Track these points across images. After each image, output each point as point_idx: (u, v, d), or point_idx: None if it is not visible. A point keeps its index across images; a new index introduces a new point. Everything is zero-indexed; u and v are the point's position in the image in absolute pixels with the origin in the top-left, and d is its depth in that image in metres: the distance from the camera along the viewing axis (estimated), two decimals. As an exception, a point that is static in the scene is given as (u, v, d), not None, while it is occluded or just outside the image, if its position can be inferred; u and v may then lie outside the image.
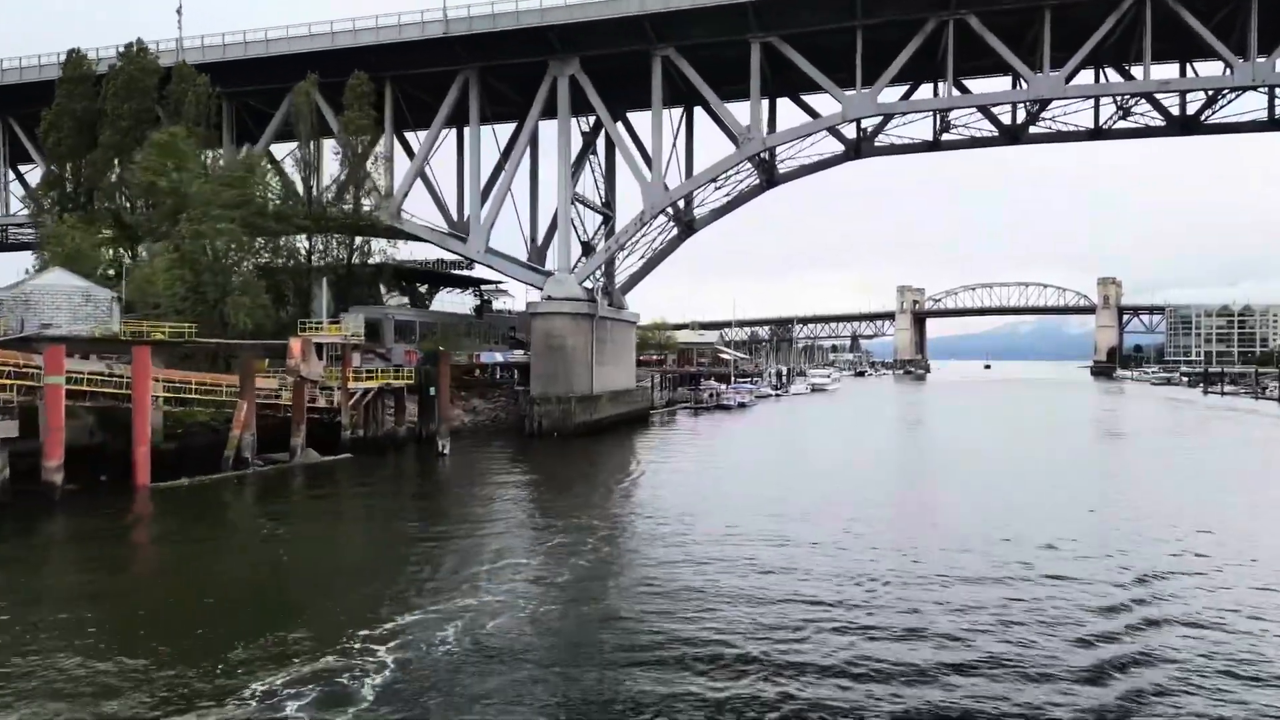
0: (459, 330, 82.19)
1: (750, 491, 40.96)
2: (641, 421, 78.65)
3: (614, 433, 67.97)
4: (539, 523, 34.16)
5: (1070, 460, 54.01)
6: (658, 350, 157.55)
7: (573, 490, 42.33)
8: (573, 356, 66.74)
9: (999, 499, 38.54)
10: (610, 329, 74.39)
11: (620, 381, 76.59)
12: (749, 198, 78.56)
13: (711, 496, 39.13)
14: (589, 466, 51.99)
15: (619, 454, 57.77)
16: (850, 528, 31.90)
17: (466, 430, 64.88)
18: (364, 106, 61.14)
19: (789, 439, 68.96)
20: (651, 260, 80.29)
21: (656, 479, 45.50)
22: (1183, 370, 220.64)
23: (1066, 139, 73.89)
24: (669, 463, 52.87)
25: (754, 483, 43.83)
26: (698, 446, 61.75)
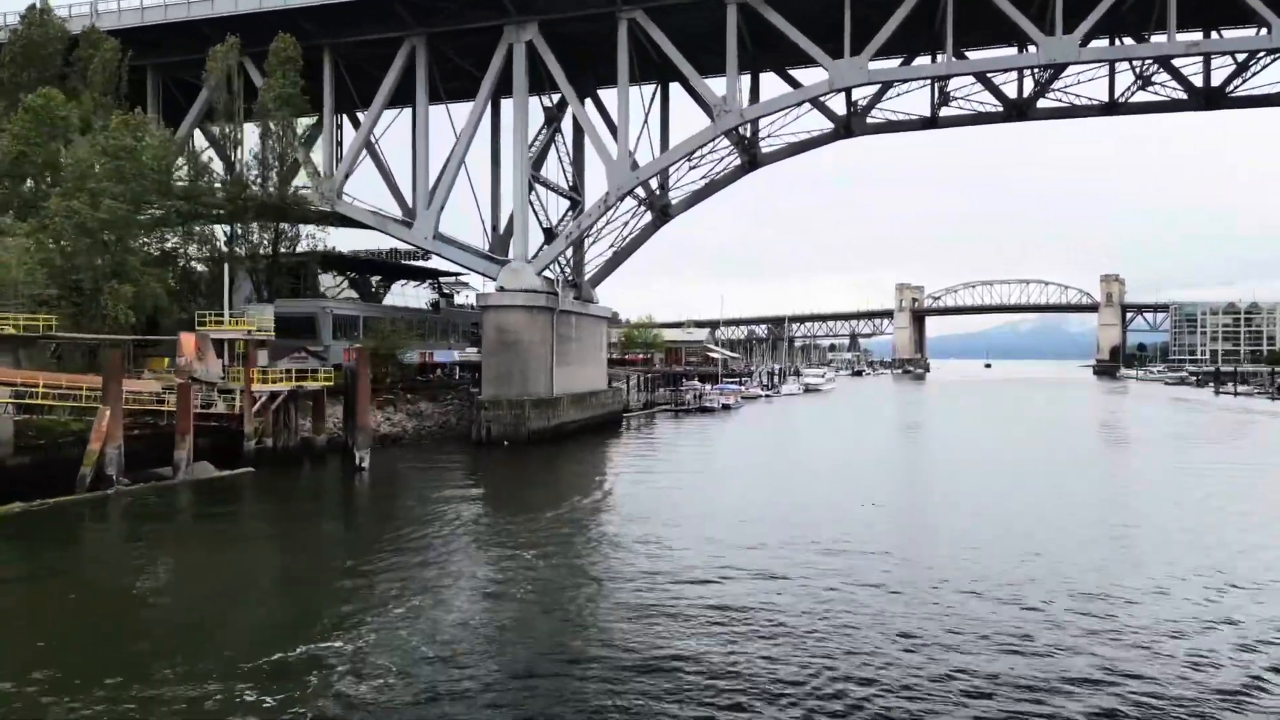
0: (413, 326, 75.26)
1: (720, 514, 34.02)
2: (613, 426, 71.70)
3: (577, 440, 60.97)
4: (449, 555, 27.29)
5: (1096, 478, 47.08)
6: (644, 349, 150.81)
7: (504, 513, 35.30)
8: (529, 355, 59.72)
9: (1011, 529, 31.56)
10: (576, 325, 67.39)
11: (588, 382, 69.59)
12: (729, 181, 71.53)
13: (673, 523, 32.15)
14: (535, 482, 45.00)
15: (575, 466, 50.78)
16: (835, 564, 25.23)
17: (408, 438, 57.87)
18: (290, 74, 53.96)
19: (772, 446, 61.94)
20: (623, 250, 73.24)
21: (609, 499, 38.56)
22: (1190, 369, 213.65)
23: (1078, 114, 66.81)
24: (630, 477, 45.89)
25: (725, 503, 36.85)
26: (668, 457, 54.80)
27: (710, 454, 55.85)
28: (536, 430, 58.08)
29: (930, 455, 56.33)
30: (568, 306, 65.29)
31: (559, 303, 62.16)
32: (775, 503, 37.06)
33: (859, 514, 34.11)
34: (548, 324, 61.36)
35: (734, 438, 67.66)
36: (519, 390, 59.03)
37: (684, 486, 41.96)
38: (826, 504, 36.61)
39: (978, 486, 41.54)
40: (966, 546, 28.26)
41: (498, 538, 29.92)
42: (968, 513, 34.63)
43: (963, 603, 21.92)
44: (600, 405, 70.48)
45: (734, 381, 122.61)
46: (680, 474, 46.45)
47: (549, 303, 61.26)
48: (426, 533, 30.65)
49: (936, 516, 34.87)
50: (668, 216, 72.96)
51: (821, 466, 49.60)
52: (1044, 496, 38.27)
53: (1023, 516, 33.56)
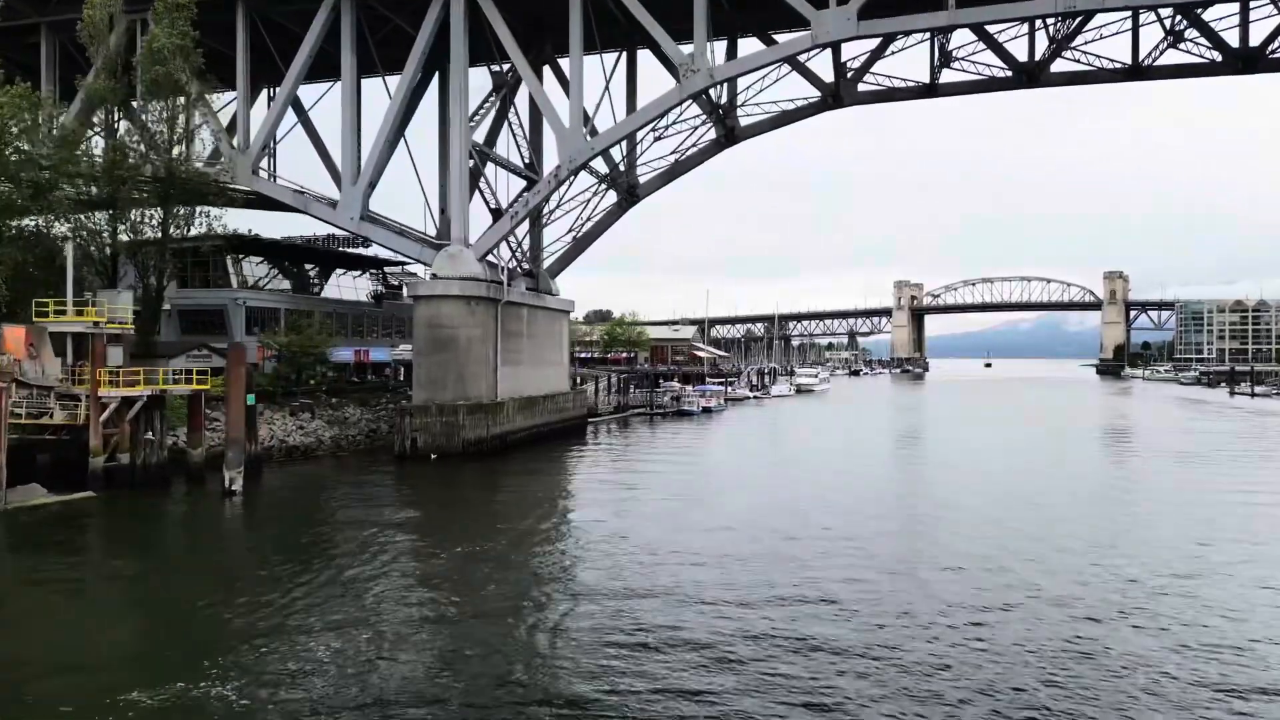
0: (351, 321, 67.30)
1: (680, 556, 26.10)
2: (575, 434, 63.68)
3: (527, 451, 52.94)
4: (289, 619, 19.35)
5: (1137, 507, 39.06)
6: (627, 347, 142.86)
7: (393, 554, 27.24)
8: (467, 353, 51.68)
9: (1041, 608, 23.52)
10: (528, 319, 59.39)
11: (544, 384, 61.58)
12: (704, 157, 63.57)
13: (619, 572, 24.22)
14: (451, 509, 36.96)
15: (509, 487, 42.75)
16: (817, 628, 17.40)
17: (324, 450, 49.82)
18: (179, 24, 45.86)
19: (751, 458, 53.90)
20: (586, 235, 65.32)
21: (541, 537, 30.49)
22: (1202, 369, 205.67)
23: (1098, 79, 58.78)
24: (566, 505, 37.93)
25: (686, 540, 28.82)
26: (628, 472, 46.71)
27: (676, 469, 47.83)
28: (474, 441, 50.03)
29: (931, 477, 48.25)
30: (517, 298, 57.28)
31: (504, 292, 54.13)
32: (740, 543, 29.05)
33: (843, 563, 26.13)
34: (491, 317, 53.33)
35: (709, 446, 59.59)
36: (454, 394, 51.01)
37: (631, 516, 33.93)
38: (800, 544, 28.63)
39: (988, 530, 33.53)
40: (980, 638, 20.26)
41: (361, 599, 21.90)
42: (977, 579, 26.60)
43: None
44: (558, 410, 62.44)
45: (719, 382, 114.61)
46: (634, 498, 38.45)
47: (492, 293, 53.25)
48: (272, 586, 22.63)
49: (935, 583, 26.89)
50: (635, 197, 65.00)
51: (801, 486, 41.59)
52: (1075, 555, 29.94)
53: (1055, 580, 25.52)
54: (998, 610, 20.72)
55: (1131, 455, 55.34)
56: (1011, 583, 23.29)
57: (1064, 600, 21.57)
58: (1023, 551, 26.82)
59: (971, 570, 24.64)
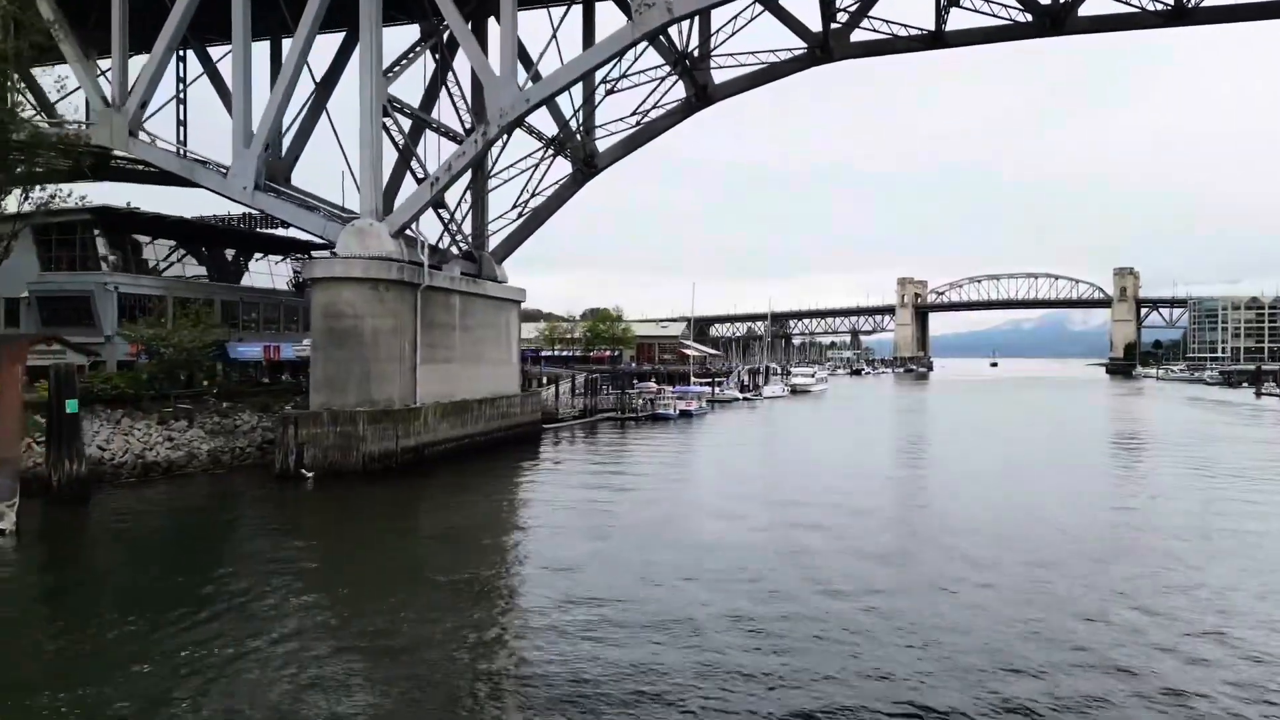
0: (262, 311, 58.28)
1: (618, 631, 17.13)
2: (525, 444, 54.65)
3: (451, 468, 43.81)
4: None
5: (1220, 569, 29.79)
6: (610, 345, 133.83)
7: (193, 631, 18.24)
8: (372, 347, 42.57)
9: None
10: (461, 308, 50.33)
11: (483, 386, 52.51)
12: (673, 120, 54.36)
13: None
14: (308, 562, 27.81)
15: (406, 523, 33.70)
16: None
17: (195, 466, 40.71)
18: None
19: (724, 477, 44.72)
20: (537, 212, 56.20)
21: (421, 612, 21.40)
22: (1223, 368, 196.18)
23: (1137, 22, 49.42)
24: (477, 556, 28.78)
25: (623, 611, 19.77)
26: (576, 495, 37.63)
27: (629, 493, 38.71)
28: (378, 455, 40.93)
29: (940, 505, 38.98)
30: (445, 283, 48.20)
31: (425, 276, 45.02)
32: (696, 599, 20.00)
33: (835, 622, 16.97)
34: (407, 305, 44.24)
35: (677, 466, 50.34)
36: (358, 397, 41.94)
37: (571, 569, 24.88)
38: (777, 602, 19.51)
39: (1013, 574, 24.40)
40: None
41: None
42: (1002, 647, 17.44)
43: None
44: (500, 416, 53.33)
45: (706, 382, 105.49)
46: (560, 543, 29.35)
47: (408, 275, 44.14)
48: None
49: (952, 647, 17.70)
50: (594, 168, 55.85)
51: (778, 515, 32.43)
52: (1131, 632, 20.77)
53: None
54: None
55: (1192, 486, 46.10)
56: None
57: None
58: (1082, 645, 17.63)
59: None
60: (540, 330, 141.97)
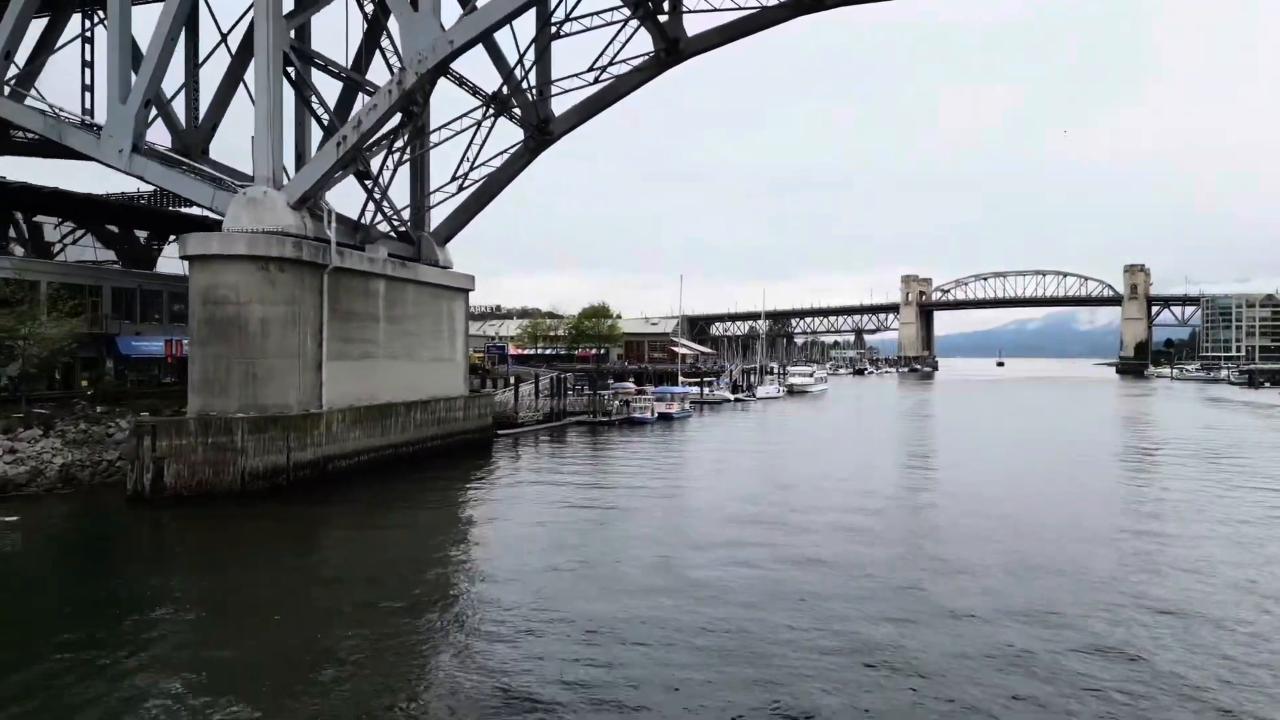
0: (166, 300, 50.90)
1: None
2: (471, 453, 47.28)
3: (366, 486, 36.32)
4: None
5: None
6: (595, 343, 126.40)
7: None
8: (259, 341, 35.06)
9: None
10: (387, 296, 42.84)
11: (418, 387, 45.01)
12: (640, 78, 46.82)
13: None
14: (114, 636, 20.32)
15: (268, 576, 26.28)
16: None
17: (39, 484, 33.22)
18: None
19: (695, 503, 37.14)
20: (485, 187, 48.74)
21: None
22: (1239, 367, 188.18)
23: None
24: (379, 616, 21.29)
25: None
26: (512, 531, 30.21)
27: (578, 518, 31.22)
28: (264, 471, 33.42)
29: (957, 543, 31.28)
30: (364, 265, 40.69)
31: (332, 255, 37.49)
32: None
33: None
34: (309, 290, 36.72)
35: (648, 473, 42.72)
36: (243, 401, 34.46)
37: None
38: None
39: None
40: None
41: None
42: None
43: None
44: (437, 422, 45.78)
45: (695, 382, 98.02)
46: (511, 575, 22.00)
47: (311, 254, 36.62)
48: None
49: None
50: (549, 134, 48.30)
51: (753, 576, 24.90)
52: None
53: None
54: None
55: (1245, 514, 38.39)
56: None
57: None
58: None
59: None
60: (523, 327, 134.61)
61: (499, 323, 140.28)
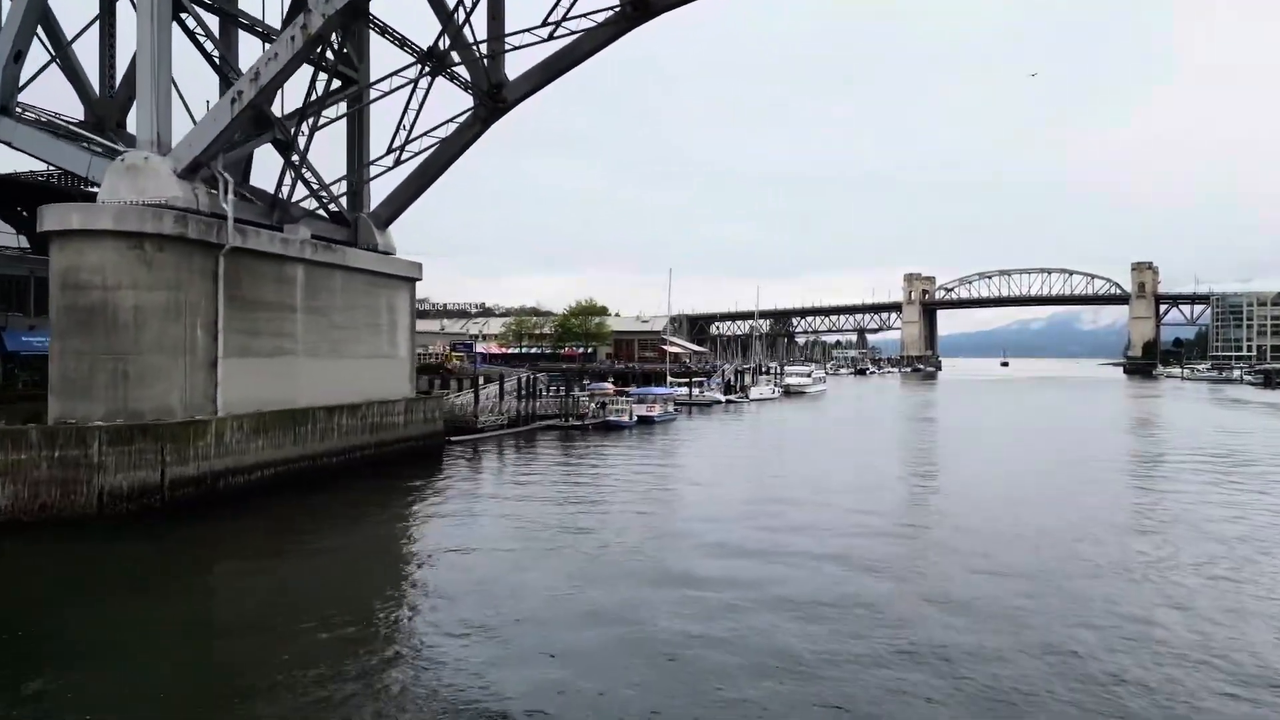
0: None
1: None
2: (415, 464, 41.54)
3: (269, 506, 30.52)
4: None
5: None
6: (583, 341, 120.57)
7: None
8: (134, 333, 29.23)
9: None
10: (306, 283, 37.01)
11: (348, 387, 39.15)
12: (605, 36, 40.91)
13: None
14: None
15: (111, 634, 20.44)
16: None
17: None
18: None
19: (662, 526, 31.22)
20: (430, 161, 42.87)
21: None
22: (1255, 366, 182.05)
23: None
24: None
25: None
26: (444, 572, 24.43)
27: (530, 546, 25.43)
28: (130, 491, 27.52)
29: (973, 581, 25.33)
30: (274, 247, 34.82)
31: (229, 234, 31.63)
32: None
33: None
34: (198, 274, 30.89)
35: (612, 491, 36.82)
36: (111, 405, 28.64)
37: None
38: None
39: None
40: None
41: None
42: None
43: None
44: (370, 429, 39.89)
45: (684, 382, 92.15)
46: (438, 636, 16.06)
47: (201, 231, 30.79)
48: None
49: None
50: (501, 102, 42.36)
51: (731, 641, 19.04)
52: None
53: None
54: None
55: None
56: None
57: None
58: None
59: None
60: (507, 325, 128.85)
61: (483, 320, 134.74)
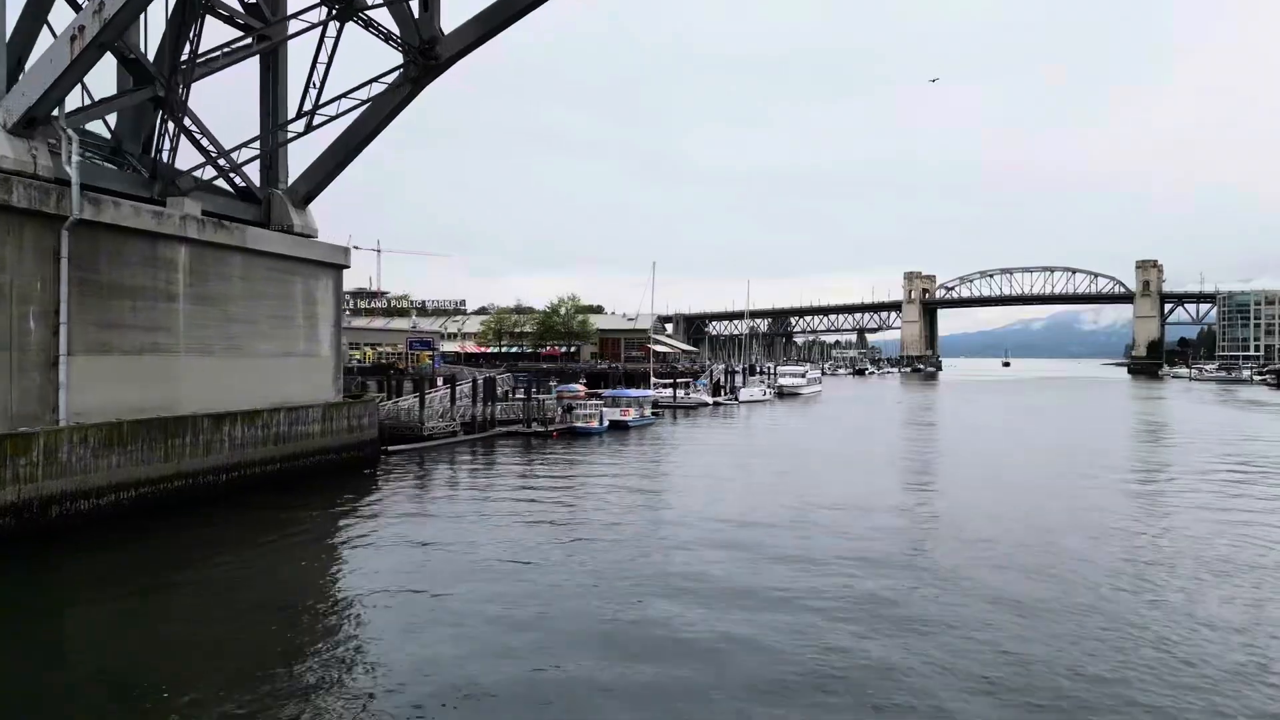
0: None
1: None
2: (338, 476, 35.96)
3: (122, 540, 24.87)
4: None
5: None
6: (566, 340, 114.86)
7: None
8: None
9: None
10: (191, 267, 31.27)
11: (251, 390, 33.41)
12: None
13: None
14: None
15: None
16: None
17: None
18: None
19: (614, 557, 25.40)
20: (352, 130, 37.12)
21: None
22: (1270, 366, 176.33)
23: None
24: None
25: None
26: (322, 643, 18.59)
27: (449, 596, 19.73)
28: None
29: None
30: (143, 223, 29.04)
31: (74, 204, 25.86)
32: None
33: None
34: (34, 252, 25.15)
35: (569, 510, 31.04)
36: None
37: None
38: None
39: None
40: None
41: None
42: None
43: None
44: (273, 440, 34.05)
45: (668, 383, 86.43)
46: None
47: (35, 200, 25.02)
48: None
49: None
50: (434, 59, 36.57)
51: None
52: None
53: None
54: None
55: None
56: None
57: None
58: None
59: None
60: (486, 323, 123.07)
61: (462, 318, 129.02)
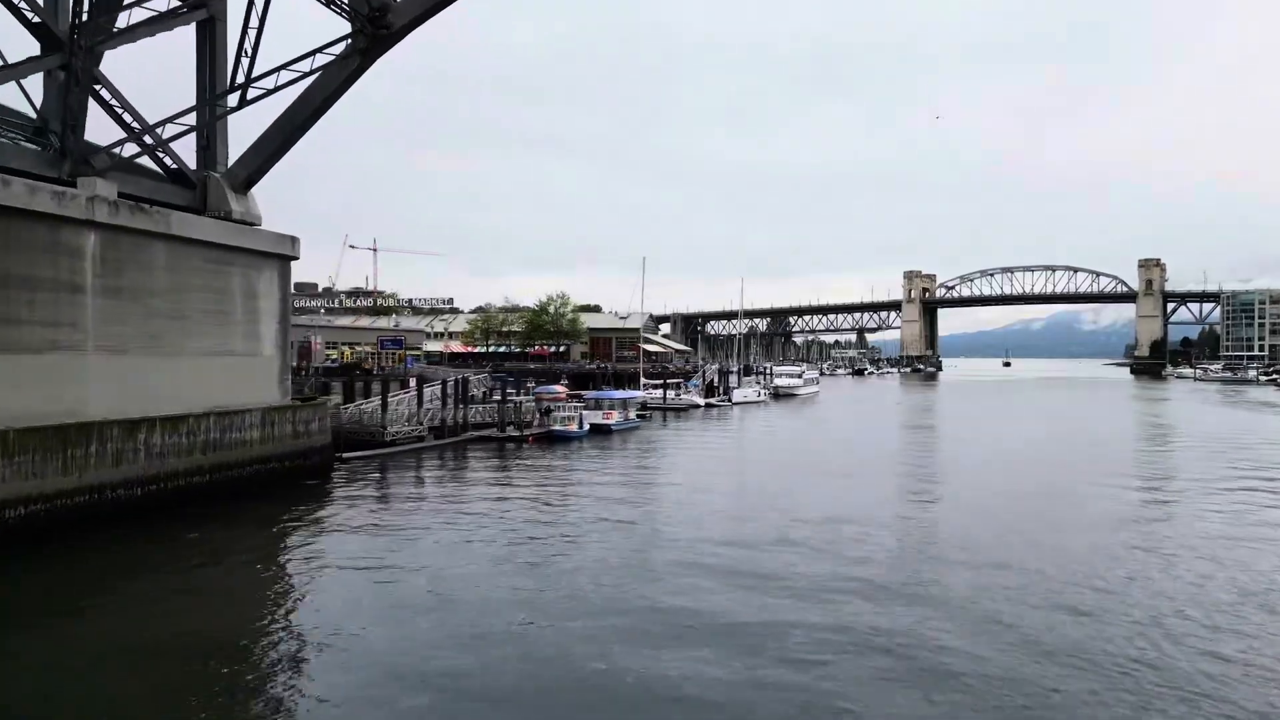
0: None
1: None
2: (281, 487, 32.60)
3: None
4: None
5: None
6: (554, 339, 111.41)
7: None
8: None
9: None
10: (104, 255, 27.87)
11: (180, 393, 30.01)
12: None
13: None
14: None
15: None
16: None
17: None
18: None
19: (580, 587, 22.00)
20: (296, 109, 33.70)
21: None
22: (1268, 366, 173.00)
23: None
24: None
25: None
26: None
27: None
28: None
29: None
30: (46, 205, 25.64)
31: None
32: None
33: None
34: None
35: (537, 526, 27.60)
36: None
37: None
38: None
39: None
40: None
41: None
42: None
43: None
44: (199, 449, 30.55)
45: (658, 384, 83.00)
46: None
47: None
48: None
49: None
50: (385, 29, 33.17)
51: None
52: None
53: None
54: None
55: None
56: None
57: None
58: None
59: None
60: (473, 322, 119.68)
61: (449, 317, 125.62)
